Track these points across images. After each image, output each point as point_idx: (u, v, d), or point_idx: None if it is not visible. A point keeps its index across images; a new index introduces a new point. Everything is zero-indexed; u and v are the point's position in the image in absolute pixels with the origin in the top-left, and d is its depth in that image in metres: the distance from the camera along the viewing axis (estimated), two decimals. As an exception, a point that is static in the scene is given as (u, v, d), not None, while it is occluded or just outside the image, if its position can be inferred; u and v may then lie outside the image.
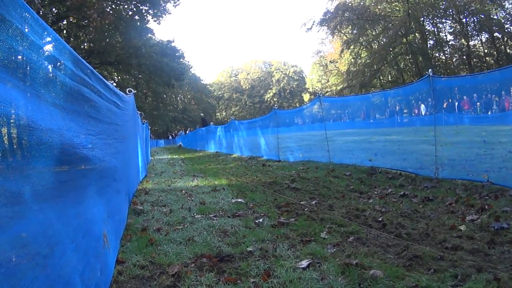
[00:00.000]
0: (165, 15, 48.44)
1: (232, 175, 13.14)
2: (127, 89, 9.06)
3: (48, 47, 2.47)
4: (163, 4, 47.39)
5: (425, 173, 9.80)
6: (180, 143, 51.54)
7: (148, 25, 51.02)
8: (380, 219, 6.16)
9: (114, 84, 63.57)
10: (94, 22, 34.27)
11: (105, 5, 37.90)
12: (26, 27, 2.13)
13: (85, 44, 46.89)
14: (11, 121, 1.94)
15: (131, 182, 8.80)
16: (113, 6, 43.77)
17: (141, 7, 46.53)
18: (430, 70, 9.96)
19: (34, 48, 2.28)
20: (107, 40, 47.32)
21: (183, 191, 10.02)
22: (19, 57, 2.10)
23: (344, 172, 11.28)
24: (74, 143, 3.02)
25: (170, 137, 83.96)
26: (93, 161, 3.74)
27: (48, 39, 2.48)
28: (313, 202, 7.62)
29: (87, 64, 3.60)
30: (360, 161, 12.41)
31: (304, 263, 4.29)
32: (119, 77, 62.78)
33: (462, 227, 5.56)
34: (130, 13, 46.44)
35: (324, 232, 5.46)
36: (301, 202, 7.68)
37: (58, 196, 2.68)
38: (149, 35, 56.06)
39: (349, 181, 10.13)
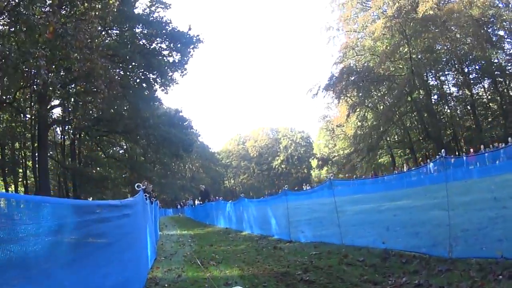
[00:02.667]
0: (173, 84, 49.24)
1: (244, 262, 12.87)
2: (136, 185, 9.04)
3: (47, 221, 2.43)
4: (171, 74, 48.22)
5: (439, 253, 9.59)
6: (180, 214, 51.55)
7: (155, 94, 51.81)
8: (396, 320, 6.04)
9: (122, 151, 64.02)
10: (102, 94, 34.69)
11: (112, 71, 38.47)
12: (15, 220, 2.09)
13: (94, 110, 47.42)
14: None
15: (141, 274, 8.72)
16: (121, 72, 44.51)
17: (148, 75, 47.38)
18: (443, 150, 9.98)
19: (34, 232, 2.23)
20: (116, 107, 47.94)
21: (194, 284, 9.88)
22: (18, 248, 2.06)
23: (357, 257, 11.04)
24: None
25: (179, 206, 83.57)
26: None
27: (46, 211, 2.44)
28: (328, 301, 7.49)
29: (93, 202, 3.60)
30: (372, 241, 12.18)
31: None
32: (127, 145, 63.31)
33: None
34: (138, 80, 47.26)
35: None
36: (316, 302, 7.55)
37: None
38: (157, 103, 56.69)
39: (363, 269, 9.91)
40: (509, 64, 55.55)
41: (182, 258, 14.67)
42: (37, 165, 45.23)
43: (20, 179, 52.12)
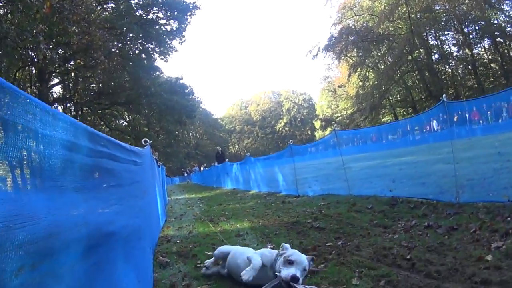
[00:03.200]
0: (172, 52, 48.96)
1: (253, 215, 12.99)
2: (143, 140, 9.04)
3: (62, 134, 2.44)
4: (169, 42, 48.00)
5: (446, 199, 9.66)
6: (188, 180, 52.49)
7: (155, 63, 51.53)
8: (408, 257, 6.07)
9: (125, 123, 63.89)
10: (102, 65, 34.55)
11: (111, 45, 38.28)
12: (35, 122, 2.09)
13: (94, 85, 47.34)
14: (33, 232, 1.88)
15: (153, 232, 8.78)
16: (119, 45, 44.27)
17: (147, 45, 47.10)
18: (444, 96, 9.95)
19: (48, 141, 2.24)
20: (116, 80, 47.75)
21: (206, 238, 9.96)
22: (33, 155, 2.06)
23: (366, 205, 11.16)
24: (99, 223, 2.99)
25: (185, 174, 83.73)
26: (119, 232, 3.69)
27: (61, 124, 2.45)
28: (339, 243, 7.53)
29: (103, 135, 3.58)
30: (380, 191, 12.24)
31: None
32: (130, 116, 63.21)
33: (488, 257, 5.48)
34: (137, 51, 46.97)
35: (355, 278, 5.37)
36: (327, 244, 7.59)
37: (91, 281, 2.65)
38: (157, 73, 56.41)
39: (372, 215, 10.00)
40: (508, 25, 55.16)
41: (192, 217, 14.77)
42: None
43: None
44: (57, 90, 51.62)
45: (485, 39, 58.63)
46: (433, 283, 4.90)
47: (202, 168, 61.72)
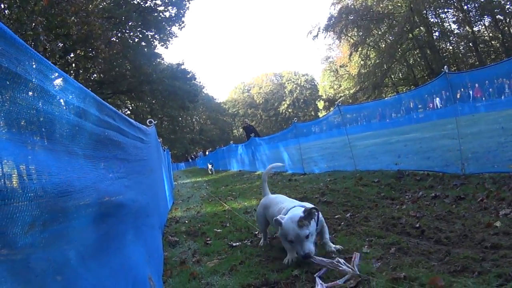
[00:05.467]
0: (172, 38, 48.71)
1: (261, 194, 12.90)
2: (148, 120, 9.03)
3: (72, 97, 2.45)
4: (169, 28, 47.70)
5: (452, 171, 9.67)
6: (211, 167, 51.60)
7: (156, 50, 51.27)
8: (417, 225, 6.08)
9: (129, 112, 63.83)
10: (102, 53, 34.45)
11: (110, 34, 38.15)
12: (46, 82, 2.09)
13: (95, 75, 47.19)
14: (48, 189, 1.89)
15: (161, 213, 8.81)
16: (119, 34, 44.08)
17: (146, 33, 46.86)
18: (445, 67, 9.95)
19: (58, 102, 2.24)
20: (117, 69, 47.51)
21: (214, 217, 10.00)
22: (44, 115, 2.06)
23: (372, 179, 11.18)
24: (109, 193, 2.99)
25: (190, 159, 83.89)
26: (128, 204, 3.70)
27: (71, 89, 2.46)
28: (348, 215, 7.55)
29: (111, 107, 3.59)
30: (386, 166, 12.28)
31: (353, 282, 4.22)
32: (133, 105, 63.07)
33: (497, 223, 5.50)
34: (136, 40, 46.73)
35: (365, 246, 5.38)
36: (336, 216, 7.62)
37: (101, 250, 2.65)
38: (158, 60, 56.22)
39: (379, 188, 10.02)
40: (508, 3, 54.80)
41: (199, 198, 14.87)
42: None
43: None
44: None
45: (485, 16, 58.32)
46: (444, 249, 4.90)
47: (207, 153, 61.83)
